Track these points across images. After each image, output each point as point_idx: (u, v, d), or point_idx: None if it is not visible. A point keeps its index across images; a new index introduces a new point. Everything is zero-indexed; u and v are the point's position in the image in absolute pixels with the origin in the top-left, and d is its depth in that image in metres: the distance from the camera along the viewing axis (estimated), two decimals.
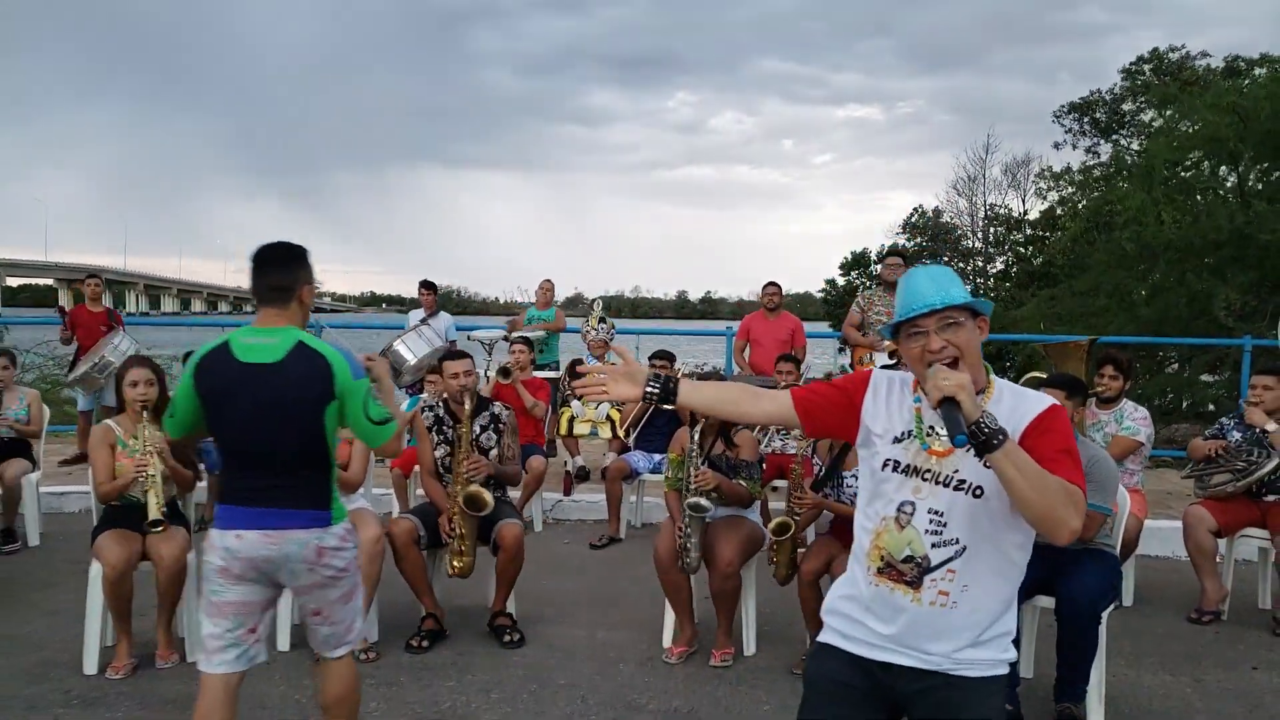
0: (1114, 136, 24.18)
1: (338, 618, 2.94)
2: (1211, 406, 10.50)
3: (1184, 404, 11.13)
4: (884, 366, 7.05)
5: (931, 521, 2.09)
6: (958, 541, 2.07)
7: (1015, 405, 2.12)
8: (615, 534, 6.44)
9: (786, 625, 4.66)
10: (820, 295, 28.88)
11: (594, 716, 3.75)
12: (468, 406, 4.53)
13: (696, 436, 4.20)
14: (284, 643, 4.36)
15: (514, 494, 5.66)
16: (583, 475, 7.50)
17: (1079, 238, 13.36)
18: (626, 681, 4.08)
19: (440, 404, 4.80)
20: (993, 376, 2.20)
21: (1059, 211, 20.59)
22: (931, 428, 2.13)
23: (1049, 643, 3.81)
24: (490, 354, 8.45)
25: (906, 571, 2.10)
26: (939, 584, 2.08)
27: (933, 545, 2.08)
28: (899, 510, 2.12)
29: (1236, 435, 5.16)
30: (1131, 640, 4.63)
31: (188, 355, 4.63)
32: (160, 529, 4.04)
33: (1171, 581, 5.57)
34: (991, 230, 25.45)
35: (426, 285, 9.16)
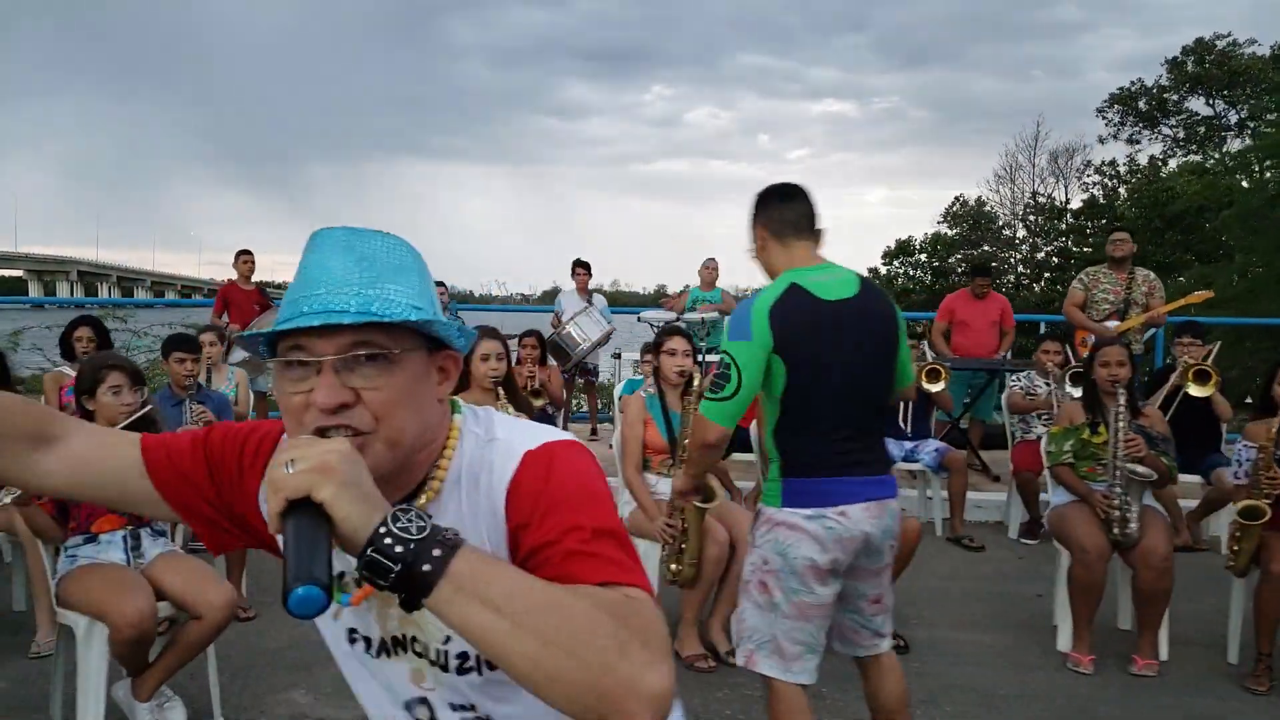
0: (1159, 126, 24.23)
1: (889, 600, 2.57)
2: None
3: None
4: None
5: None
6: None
7: (493, 473, 1.13)
8: None
9: (1209, 622, 4.23)
10: None
11: None
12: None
13: (1123, 402, 3.77)
14: None
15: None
16: None
17: (1231, 221, 13.26)
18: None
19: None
20: (459, 423, 1.19)
21: (1119, 196, 20.46)
22: (343, 573, 1.01)
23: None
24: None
25: None
26: None
27: None
28: (414, 716, 1.25)
29: None
30: None
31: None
32: None
33: None
34: (1033, 219, 25.28)
35: (581, 264, 8.69)
